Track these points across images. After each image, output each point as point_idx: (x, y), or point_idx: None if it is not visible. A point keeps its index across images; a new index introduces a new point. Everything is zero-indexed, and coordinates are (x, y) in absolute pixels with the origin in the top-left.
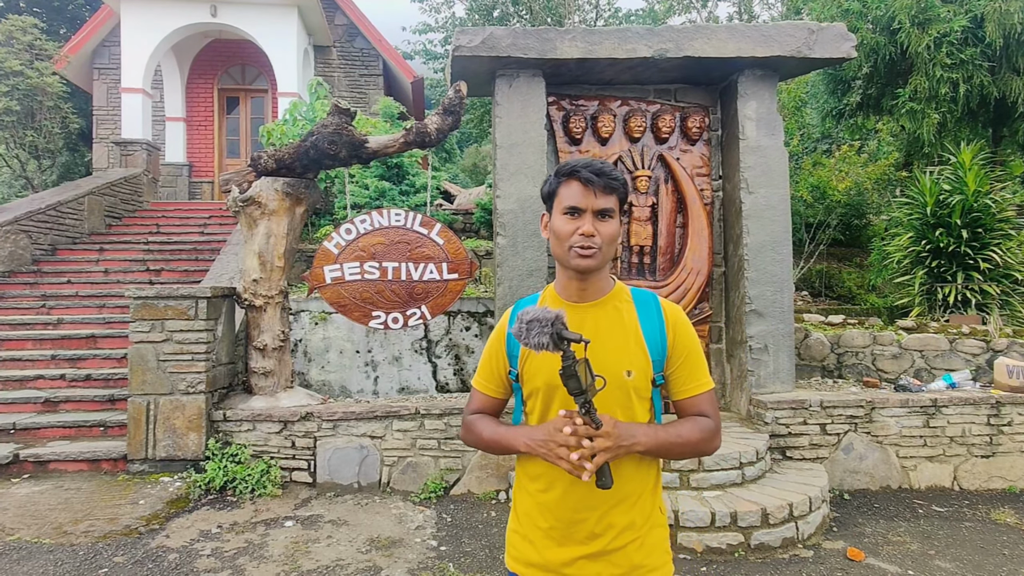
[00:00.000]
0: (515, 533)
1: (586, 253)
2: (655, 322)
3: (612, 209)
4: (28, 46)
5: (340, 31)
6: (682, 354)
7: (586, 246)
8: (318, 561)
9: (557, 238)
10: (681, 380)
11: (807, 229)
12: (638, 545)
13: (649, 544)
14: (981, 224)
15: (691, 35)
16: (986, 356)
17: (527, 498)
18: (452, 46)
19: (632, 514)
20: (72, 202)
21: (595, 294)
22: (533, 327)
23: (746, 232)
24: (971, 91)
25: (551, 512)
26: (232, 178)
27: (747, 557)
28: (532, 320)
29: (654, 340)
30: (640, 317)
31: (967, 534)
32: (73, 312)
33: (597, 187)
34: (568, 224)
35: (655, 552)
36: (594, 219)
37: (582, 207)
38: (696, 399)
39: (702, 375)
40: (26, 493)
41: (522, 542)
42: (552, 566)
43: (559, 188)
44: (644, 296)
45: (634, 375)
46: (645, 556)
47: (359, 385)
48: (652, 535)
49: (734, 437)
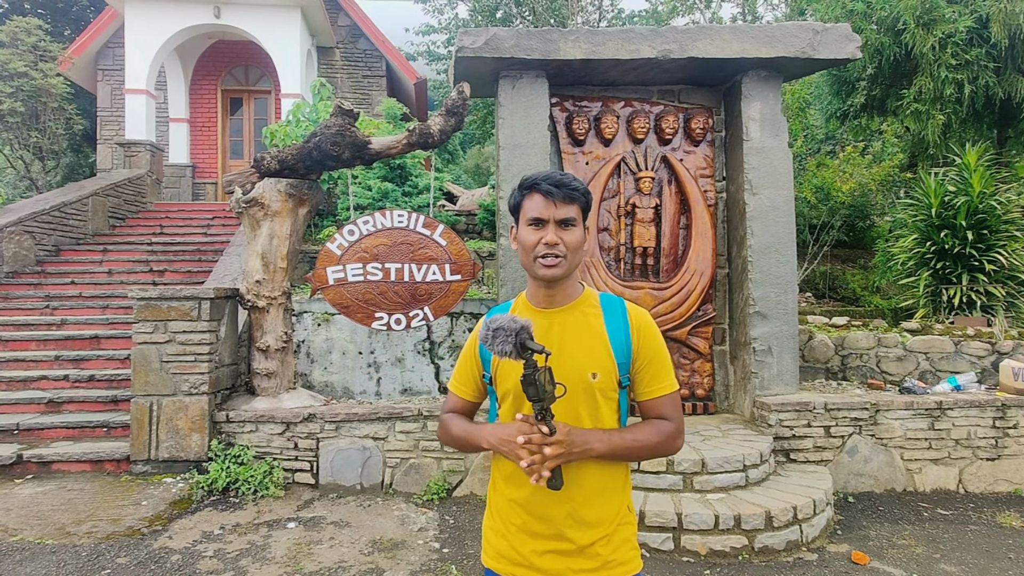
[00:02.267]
0: (490, 530)
1: (550, 263)
2: (620, 325)
3: (574, 218)
4: (32, 47)
5: (343, 32)
6: (647, 357)
7: (549, 254)
8: (320, 563)
9: (524, 248)
10: (645, 382)
11: (811, 230)
12: (605, 541)
13: (617, 540)
14: (986, 225)
15: (695, 36)
16: (991, 358)
17: (500, 496)
18: (455, 47)
19: (600, 512)
20: (76, 203)
21: (563, 300)
22: (499, 335)
23: (750, 233)
24: (976, 92)
25: (522, 508)
26: (235, 179)
27: (751, 560)
28: (498, 328)
29: (619, 343)
30: (606, 321)
31: (973, 537)
32: (77, 313)
33: (557, 198)
34: (533, 235)
35: (622, 547)
36: (557, 228)
37: (544, 217)
38: (658, 401)
39: (665, 377)
40: (29, 494)
41: (496, 537)
42: (524, 558)
43: (523, 201)
44: (611, 301)
45: (599, 377)
46: (612, 551)
47: (362, 386)
48: (620, 532)
49: (738, 439)
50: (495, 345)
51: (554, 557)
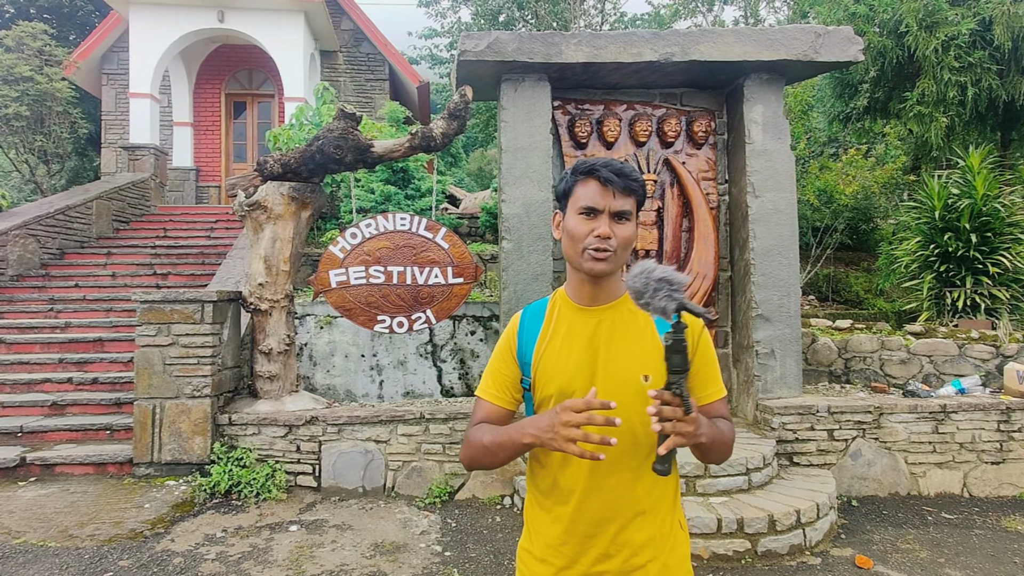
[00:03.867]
0: (526, 551)
1: (600, 256)
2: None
3: (630, 212)
4: (38, 52)
5: (346, 36)
6: (701, 359)
7: (601, 248)
8: (322, 566)
9: (571, 239)
10: (700, 386)
11: (814, 233)
12: (659, 566)
13: (672, 565)
14: (990, 228)
15: (697, 39)
16: (996, 361)
17: (540, 513)
18: (458, 50)
19: (651, 529)
20: (80, 206)
21: (608, 298)
22: (662, 287)
23: (752, 236)
24: (979, 94)
25: (564, 526)
26: (238, 182)
27: (754, 564)
28: (663, 279)
29: None
30: (657, 321)
31: (977, 542)
32: (80, 316)
33: (616, 187)
34: (583, 225)
35: (678, 572)
36: (611, 221)
37: (599, 208)
38: (714, 405)
39: (718, 380)
40: (32, 496)
41: (533, 561)
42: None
43: (575, 187)
44: None
45: (651, 379)
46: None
47: (364, 389)
48: (675, 555)
49: (741, 443)
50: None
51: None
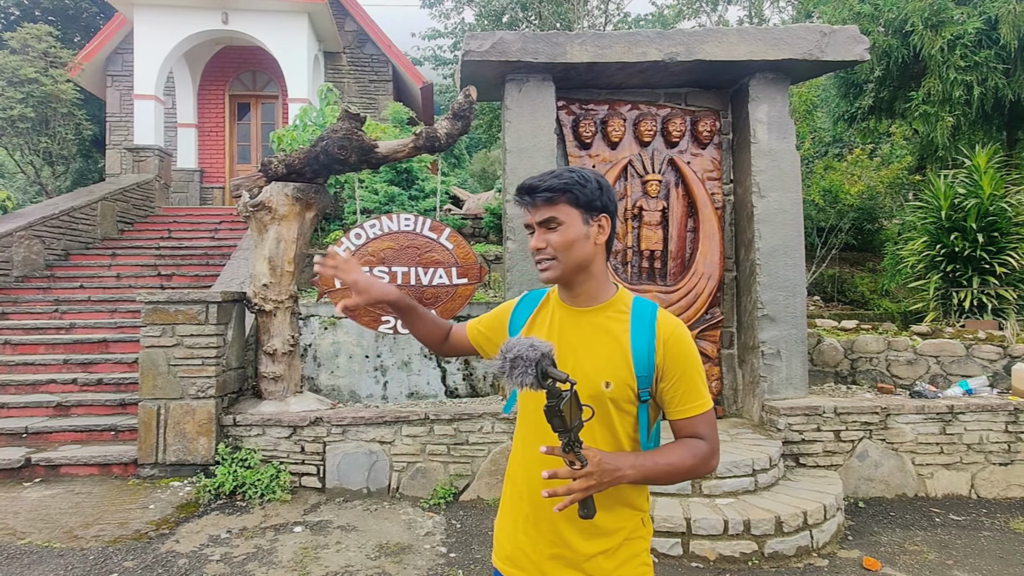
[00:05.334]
0: (500, 529)
1: (543, 267)
2: (645, 336)
3: (554, 217)
4: (43, 54)
5: (350, 37)
6: (675, 373)
7: (540, 259)
8: (327, 567)
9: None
10: (676, 400)
11: (819, 233)
12: (609, 555)
13: (623, 555)
14: (997, 228)
15: (702, 38)
16: (1003, 362)
17: (511, 486)
18: (462, 51)
19: (608, 522)
20: (85, 208)
21: (588, 300)
22: (517, 365)
23: (758, 236)
24: (985, 94)
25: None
26: (243, 183)
27: (761, 566)
28: (516, 358)
29: (640, 355)
30: (632, 329)
31: (985, 543)
32: (85, 317)
33: (530, 205)
34: (531, 241)
35: (629, 563)
36: (541, 231)
37: (530, 224)
38: (691, 421)
39: (698, 395)
40: (37, 497)
41: (504, 537)
42: (531, 561)
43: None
44: (643, 307)
45: (612, 387)
46: (617, 566)
47: (368, 390)
48: (627, 547)
49: (747, 444)
50: (514, 377)
51: (556, 565)
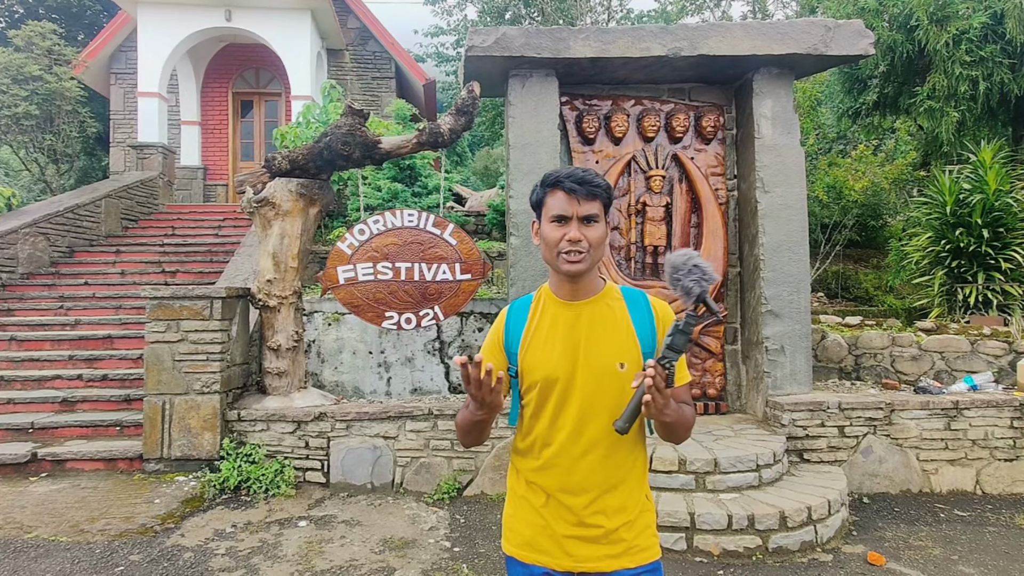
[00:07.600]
0: (511, 517)
1: (574, 259)
2: (646, 317)
3: (596, 214)
4: (47, 51)
5: (353, 34)
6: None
7: (573, 251)
8: (332, 561)
9: (547, 245)
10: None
11: (823, 229)
12: (629, 526)
13: (640, 525)
14: (1002, 224)
15: (705, 33)
16: (1008, 358)
17: (520, 479)
18: (465, 46)
19: (622, 498)
20: (89, 205)
21: (586, 293)
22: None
23: (762, 232)
24: (991, 89)
25: (543, 488)
26: (247, 179)
27: (765, 561)
28: (698, 267)
29: (645, 334)
30: (631, 313)
31: (991, 539)
32: (90, 313)
33: (580, 195)
34: (556, 231)
35: (644, 533)
36: (580, 225)
37: (568, 215)
38: (680, 389)
39: (683, 368)
40: (44, 491)
41: (518, 523)
42: (543, 545)
43: (545, 197)
44: (633, 294)
45: (627, 367)
46: (636, 536)
47: (372, 386)
48: (642, 518)
49: (751, 439)
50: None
51: (578, 543)
